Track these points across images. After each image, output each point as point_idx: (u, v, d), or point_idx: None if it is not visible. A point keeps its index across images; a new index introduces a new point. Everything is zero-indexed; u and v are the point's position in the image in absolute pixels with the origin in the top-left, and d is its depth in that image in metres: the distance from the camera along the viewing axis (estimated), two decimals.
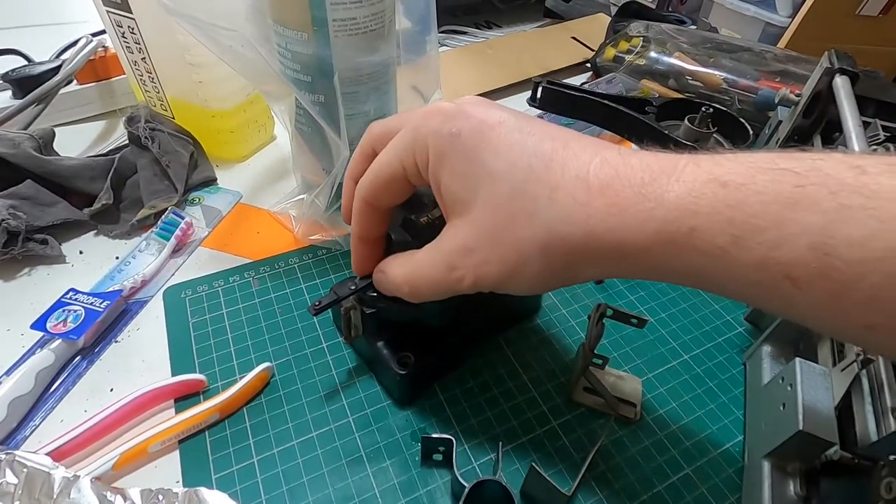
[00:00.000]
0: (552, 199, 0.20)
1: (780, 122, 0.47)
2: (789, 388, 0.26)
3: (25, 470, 0.25)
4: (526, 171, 0.21)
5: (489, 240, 0.22)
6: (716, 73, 0.56)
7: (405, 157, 0.24)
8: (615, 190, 0.20)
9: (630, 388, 0.32)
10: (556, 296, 0.38)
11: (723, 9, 0.92)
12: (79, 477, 0.26)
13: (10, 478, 0.25)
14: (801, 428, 0.24)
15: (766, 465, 0.27)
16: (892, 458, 0.21)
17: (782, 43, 0.69)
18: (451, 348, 0.31)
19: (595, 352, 0.28)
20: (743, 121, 0.35)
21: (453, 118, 0.22)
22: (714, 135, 0.35)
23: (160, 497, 0.26)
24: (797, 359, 0.27)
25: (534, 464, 0.25)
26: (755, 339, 0.35)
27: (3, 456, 0.25)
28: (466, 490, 0.23)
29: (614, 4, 0.82)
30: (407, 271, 0.25)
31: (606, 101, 0.37)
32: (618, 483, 0.28)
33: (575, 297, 0.38)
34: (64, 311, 0.32)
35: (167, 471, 0.28)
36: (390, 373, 0.29)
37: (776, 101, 0.46)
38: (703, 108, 0.34)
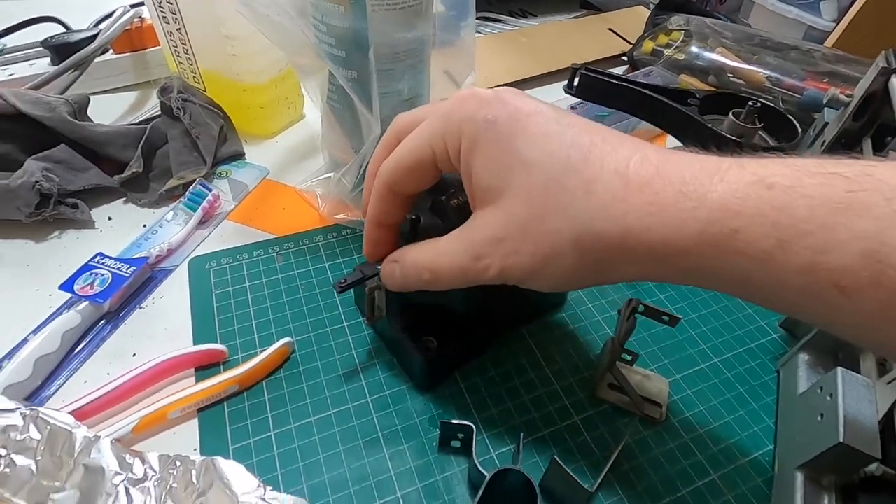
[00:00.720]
0: (589, 193, 0.20)
1: (827, 124, 0.44)
2: (829, 399, 0.25)
3: (49, 427, 0.25)
4: (564, 161, 0.20)
5: (520, 230, 0.21)
6: (759, 70, 0.54)
7: (436, 141, 0.23)
8: (655, 188, 0.19)
9: (656, 388, 0.31)
10: (583, 289, 0.37)
11: (763, 10, 0.88)
12: (99, 438, 0.26)
13: (34, 433, 0.25)
14: (841, 440, 0.23)
15: (800, 477, 0.25)
16: None
17: (829, 42, 0.66)
18: (474, 336, 0.31)
19: (624, 347, 0.27)
20: (791, 118, 0.34)
21: (489, 104, 0.22)
22: (759, 131, 0.34)
23: (177, 463, 0.26)
24: (839, 368, 0.26)
25: (555, 457, 0.24)
26: (789, 346, 0.34)
27: (28, 412, 0.25)
28: (487, 478, 0.22)
29: None
30: (429, 257, 0.24)
31: (647, 91, 0.35)
32: (640, 484, 0.27)
33: (602, 292, 0.37)
34: (91, 274, 0.33)
35: (185, 438, 0.28)
36: (412, 357, 0.29)
37: (824, 102, 0.44)
38: (750, 103, 0.33)
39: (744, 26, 0.64)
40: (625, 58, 0.63)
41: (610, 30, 0.69)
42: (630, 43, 0.65)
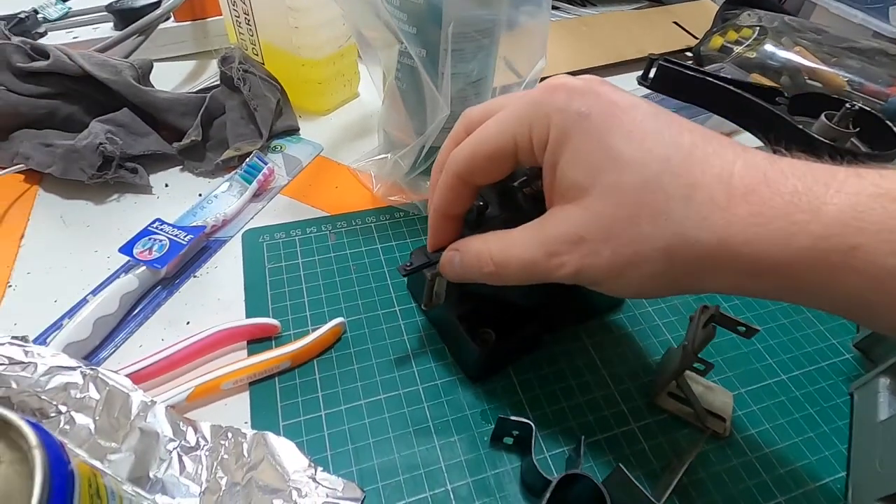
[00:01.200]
0: (688, 199, 0.18)
1: None
2: None
3: (107, 388, 0.25)
4: (662, 162, 0.19)
5: (604, 231, 0.20)
6: (840, 73, 0.50)
7: (519, 131, 0.21)
8: (762, 197, 0.17)
9: (720, 401, 0.29)
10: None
11: (826, 13, 0.83)
12: (155, 403, 0.26)
13: (94, 393, 0.25)
14: None
15: None
16: None
17: None
18: (530, 331, 0.29)
19: (699, 356, 0.26)
20: (890, 125, 0.31)
21: (583, 96, 0.20)
22: (853, 137, 0.31)
23: (229, 434, 0.26)
24: None
25: (620, 464, 0.23)
26: (864, 367, 0.32)
27: (89, 371, 0.26)
28: (554, 482, 0.21)
29: None
30: (497, 248, 0.23)
31: (731, 87, 0.33)
32: (701, 500, 0.26)
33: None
34: (150, 239, 0.33)
35: (237, 410, 0.27)
36: (468, 347, 0.28)
37: None
38: (847, 105, 0.30)
39: (823, 26, 0.60)
40: (690, 53, 0.60)
41: (675, 23, 0.66)
42: (696, 38, 0.62)
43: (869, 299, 0.16)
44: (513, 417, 0.25)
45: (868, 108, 0.31)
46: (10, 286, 0.32)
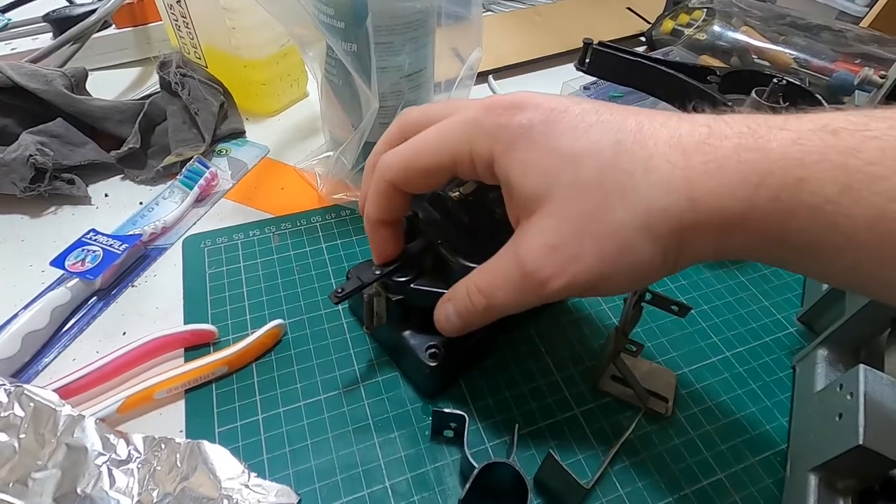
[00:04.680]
0: (648, 171, 0.18)
1: (858, 107, 0.42)
2: (849, 398, 0.23)
3: (32, 404, 0.25)
4: (614, 146, 0.19)
5: (576, 232, 0.19)
6: (786, 51, 0.51)
7: (459, 148, 0.21)
8: (712, 145, 0.18)
9: (663, 381, 0.29)
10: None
11: None
12: (84, 417, 0.25)
13: (18, 410, 0.25)
14: (860, 442, 0.21)
15: (813, 480, 0.24)
16: None
17: (865, 22, 0.63)
18: (479, 338, 0.28)
19: (629, 337, 0.26)
20: (818, 96, 0.31)
21: (521, 109, 0.20)
22: (784, 111, 0.31)
23: (162, 445, 0.25)
24: (861, 366, 0.24)
25: (552, 451, 0.23)
26: (808, 341, 0.32)
27: (13, 388, 0.25)
28: (476, 471, 0.21)
29: None
30: (482, 281, 0.22)
31: (664, 68, 0.33)
32: (642, 481, 0.26)
33: None
34: (83, 250, 0.32)
35: (171, 419, 0.27)
36: (418, 365, 0.27)
37: (855, 83, 0.41)
38: (775, 80, 0.31)
39: (771, 4, 0.61)
40: (643, 38, 0.61)
41: (628, 9, 0.66)
42: (649, 22, 0.62)
43: (817, 238, 0.16)
44: (447, 410, 0.25)
45: (796, 82, 0.31)
46: None
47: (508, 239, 0.21)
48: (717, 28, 0.54)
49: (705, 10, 0.56)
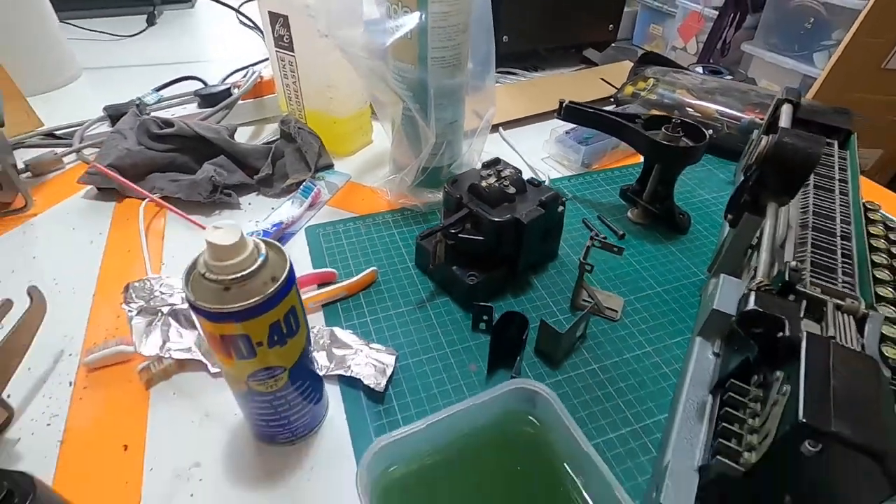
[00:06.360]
0: None
1: (753, 140, 0.62)
2: (716, 290, 0.41)
3: None
4: None
5: None
6: (710, 105, 0.71)
7: None
8: None
9: (615, 302, 0.47)
10: (570, 248, 0.53)
11: (762, 62, 1.02)
12: None
13: None
14: (714, 307, 0.39)
15: (698, 340, 0.41)
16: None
17: (811, 94, 0.82)
18: (500, 274, 0.47)
19: (586, 261, 0.44)
20: (700, 126, 0.51)
21: None
22: (683, 137, 0.51)
23: (316, 329, 0.43)
24: (723, 275, 0.41)
25: (543, 319, 0.40)
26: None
27: None
28: (499, 316, 0.39)
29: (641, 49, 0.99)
30: None
31: (608, 115, 0.53)
32: (600, 350, 0.43)
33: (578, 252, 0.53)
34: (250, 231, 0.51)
35: (315, 321, 0.45)
36: (462, 287, 0.45)
37: (749, 125, 0.61)
38: (674, 120, 0.50)
39: (705, 76, 0.83)
40: (612, 99, 0.82)
41: (602, 79, 0.89)
42: (616, 88, 0.84)
43: None
44: (481, 303, 0.43)
45: (688, 120, 0.51)
46: (163, 264, 0.50)
47: (517, 205, 0.40)
48: (661, 91, 0.75)
49: (654, 79, 0.78)
